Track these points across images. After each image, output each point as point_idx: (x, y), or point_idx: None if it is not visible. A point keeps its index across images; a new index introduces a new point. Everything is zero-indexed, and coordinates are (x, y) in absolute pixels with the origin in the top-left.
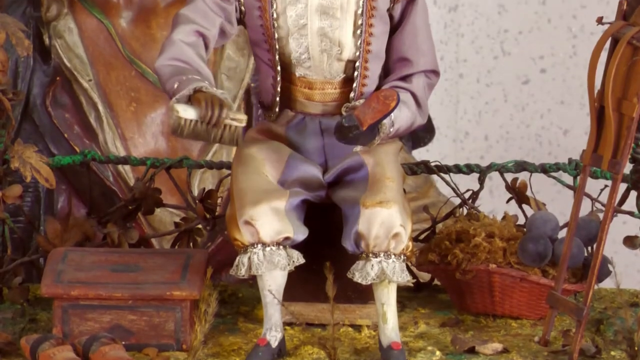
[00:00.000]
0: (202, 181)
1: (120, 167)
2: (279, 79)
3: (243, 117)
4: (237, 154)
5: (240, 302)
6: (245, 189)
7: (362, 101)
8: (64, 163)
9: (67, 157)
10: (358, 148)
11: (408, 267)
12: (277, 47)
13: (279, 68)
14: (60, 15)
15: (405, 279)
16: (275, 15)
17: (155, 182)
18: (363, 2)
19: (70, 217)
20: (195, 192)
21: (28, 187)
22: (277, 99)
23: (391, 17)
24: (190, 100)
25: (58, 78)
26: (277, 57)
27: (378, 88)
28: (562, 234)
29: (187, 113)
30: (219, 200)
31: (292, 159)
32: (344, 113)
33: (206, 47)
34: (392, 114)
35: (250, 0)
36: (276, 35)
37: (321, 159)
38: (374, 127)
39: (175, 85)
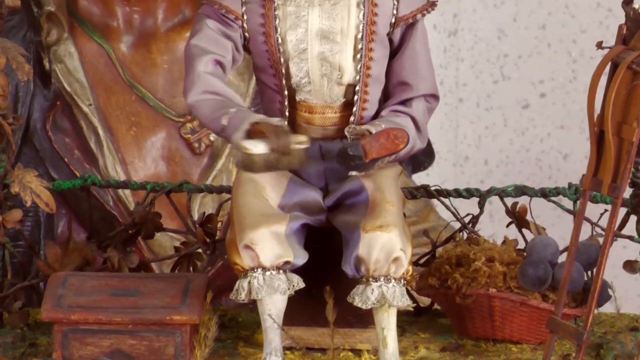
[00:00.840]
0: (202, 205)
1: (120, 191)
2: (286, 103)
3: (305, 139)
4: (237, 178)
5: (240, 326)
6: (245, 213)
7: (367, 126)
8: (64, 187)
9: (68, 182)
10: (354, 172)
11: (408, 292)
12: (283, 71)
13: (286, 92)
14: (60, 40)
15: (406, 303)
16: (280, 40)
17: (156, 207)
18: (363, 26)
19: (70, 242)
20: (196, 217)
21: (28, 211)
22: (285, 123)
23: (391, 41)
24: (249, 134)
25: (58, 102)
26: (283, 81)
27: (378, 112)
28: (562, 258)
29: (257, 148)
30: (219, 225)
31: (292, 183)
32: (347, 134)
33: (225, 73)
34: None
35: (254, 26)
36: (282, 60)
37: (321, 183)
38: (377, 160)
39: (225, 122)
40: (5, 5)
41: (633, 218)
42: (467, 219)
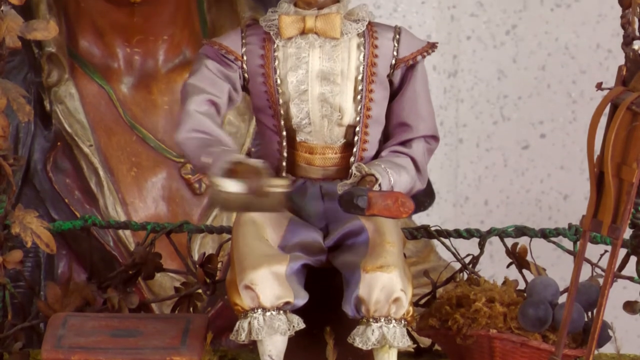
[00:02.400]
0: (203, 246)
1: (120, 231)
2: (284, 144)
3: (285, 182)
4: (237, 219)
5: None
6: (246, 253)
7: (374, 170)
8: (64, 228)
9: (68, 222)
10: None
11: (409, 332)
12: (281, 112)
13: (284, 133)
14: (61, 81)
15: (406, 344)
16: (279, 82)
17: (156, 247)
18: (363, 68)
19: (70, 282)
20: (196, 257)
21: (28, 252)
22: (284, 163)
23: (391, 82)
24: (229, 173)
25: (59, 143)
26: (282, 122)
27: (378, 153)
28: (563, 299)
29: (233, 187)
30: (219, 265)
31: (292, 223)
32: (354, 171)
33: (218, 114)
34: (391, 179)
35: (254, 67)
36: (280, 101)
37: (322, 223)
38: (375, 215)
39: (208, 160)
40: (5, 46)
41: (633, 259)
42: (467, 260)
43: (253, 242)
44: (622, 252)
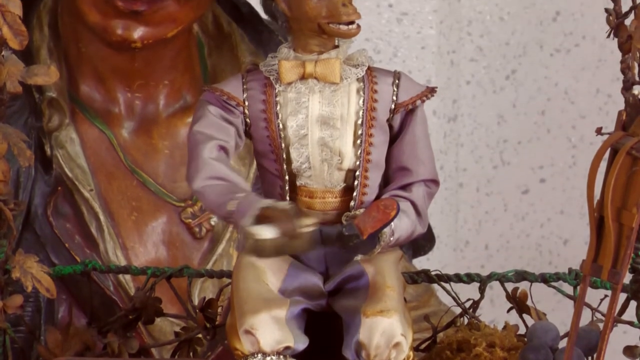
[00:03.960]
0: (203, 290)
1: (120, 276)
2: (286, 188)
3: (313, 221)
4: (237, 263)
5: None
6: (246, 297)
7: (362, 210)
8: (64, 273)
9: (68, 267)
10: (359, 257)
11: None
12: (284, 157)
13: (286, 178)
14: (62, 126)
15: None
16: (281, 126)
17: (156, 291)
18: (363, 112)
19: (70, 327)
20: (196, 301)
21: (29, 296)
22: (293, 206)
23: (390, 127)
24: (261, 219)
25: (59, 188)
26: (284, 166)
27: (378, 197)
28: (563, 343)
29: (267, 233)
30: (219, 310)
31: (292, 268)
32: (344, 222)
33: (229, 159)
34: (392, 223)
35: (256, 112)
36: (282, 145)
37: (322, 268)
38: (374, 236)
39: (233, 207)
40: (6, 91)
41: (633, 303)
42: (467, 304)
43: (253, 286)
44: (622, 296)
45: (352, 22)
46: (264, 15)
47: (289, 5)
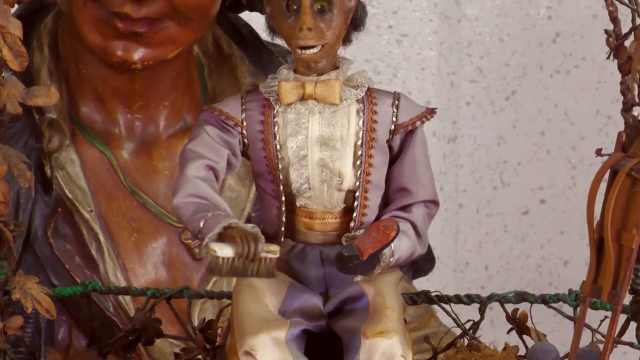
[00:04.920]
0: (203, 311)
1: (120, 297)
2: (283, 209)
3: (276, 249)
4: (237, 284)
5: None
6: (246, 318)
7: (362, 231)
8: (64, 294)
9: (68, 288)
10: (358, 278)
11: None
12: (281, 177)
13: (283, 198)
14: (62, 147)
15: None
16: (278, 147)
17: (156, 313)
18: (362, 133)
19: (70, 348)
20: (196, 322)
21: (29, 318)
22: (282, 229)
23: (390, 148)
24: (221, 237)
25: (59, 209)
26: (281, 187)
27: (378, 218)
28: None
29: (224, 251)
30: (219, 331)
31: (292, 289)
32: (344, 243)
33: (217, 179)
34: (392, 244)
35: (253, 133)
36: (280, 166)
37: (322, 289)
38: (375, 256)
39: (202, 224)
40: (6, 112)
41: (633, 324)
42: (468, 325)
43: (253, 307)
44: (622, 317)
45: (310, 47)
46: (264, 37)
47: (278, 28)
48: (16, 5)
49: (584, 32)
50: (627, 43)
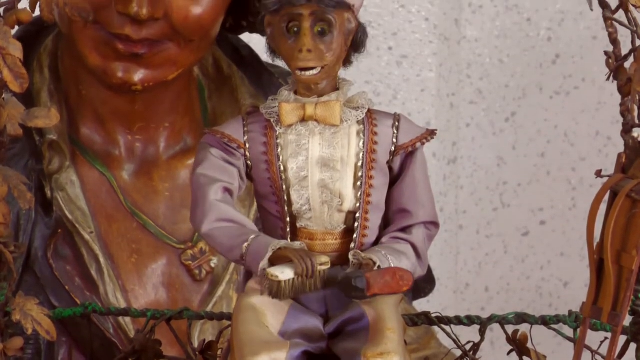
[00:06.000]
0: (203, 332)
1: (120, 318)
2: (288, 230)
3: (327, 259)
4: (237, 305)
5: None
6: (246, 340)
7: (371, 255)
8: (65, 315)
9: (68, 309)
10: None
11: None
12: (285, 198)
13: (288, 219)
14: (62, 168)
15: None
16: (282, 168)
17: (156, 334)
18: (363, 155)
19: None
20: (196, 344)
21: (29, 339)
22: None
23: (391, 169)
24: (276, 260)
25: (60, 230)
26: (285, 208)
27: (378, 239)
28: None
29: (285, 274)
30: (219, 352)
31: (293, 310)
32: (352, 260)
33: (233, 200)
34: (392, 265)
35: (256, 154)
36: (284, 187)
37: (322, 310)
38: (377, 295)
39: (245, 250)
40: (7, 133)
41: (633, 346)
42: (468, 347)
43: (253, 328)
44: (622, 339)
45: (310, 68)
46: (264, 58)
47: (278, 49)
48: (16, 27)
49: (583, 54)
50: (627, 64)
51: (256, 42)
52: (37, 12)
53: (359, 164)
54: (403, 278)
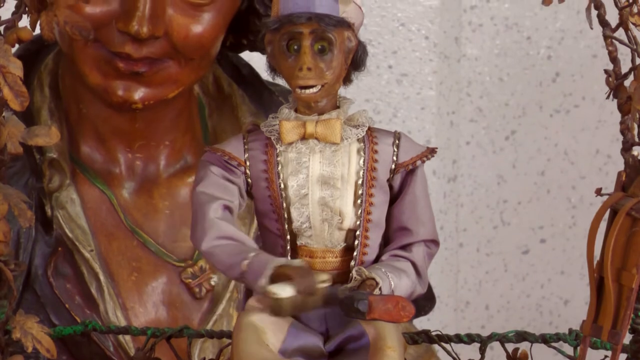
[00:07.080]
0: (203, 350)
1: (120, 336)
2: (288, 247)
3: (327, 277)
4: (237, 323)
5: None
6: (246, 358)
7: (374, 274)
8: (65, 333)
9: (68, 328)
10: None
11: None
12: (285, 216)
13: (288, 237)
14: (62, 186)
15: None
16: (282, 186)
17: (156, 352)
18: (363, 172)
19: None
20: None
21: (29, 357)
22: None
23: (391, 187)
24: (277, 278)
25: (60, 248)
26: (286, 226)
27: (379, 257)
28: None
29: (286, 291)
30: None
31: (293, 328)
32: (354, 275)
33: (233, 217)
34: (392, 283)
35: (257, 172)
36: (284, 205)
37: (322, 328)
38: (375, 319)
39: (245, 267)
40: (7, 152)
41: None
42: None
43: (253, 347)
44: (622, 357)
45: (310, 86)
46: (264, 76)
47: (278, 67)
48: (17, 45)
49: (583, 72)
50: (627, 83)
51: (256, 60)
52: (38, 31)
53: (359, 181)
54: (405, 309)
